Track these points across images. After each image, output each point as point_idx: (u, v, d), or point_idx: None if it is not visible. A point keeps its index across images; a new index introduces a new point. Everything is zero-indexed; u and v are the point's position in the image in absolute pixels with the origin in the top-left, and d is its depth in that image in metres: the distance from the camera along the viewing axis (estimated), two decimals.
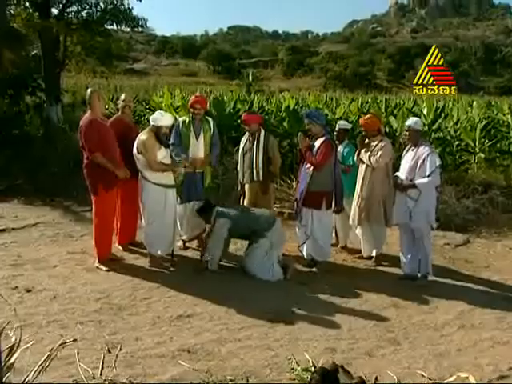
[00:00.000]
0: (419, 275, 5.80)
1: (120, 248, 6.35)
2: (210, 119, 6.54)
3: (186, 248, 6.58)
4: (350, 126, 7.21)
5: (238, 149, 6.83)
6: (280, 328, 4.48)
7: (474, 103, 18.58)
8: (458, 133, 11.82)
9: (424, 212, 5.63)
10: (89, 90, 5.93)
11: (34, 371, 2.26)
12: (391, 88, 50.75)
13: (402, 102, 17.27)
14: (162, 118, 5.82)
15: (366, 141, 6.30)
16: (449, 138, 11.62)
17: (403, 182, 5.72)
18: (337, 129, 6.85)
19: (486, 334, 4.55)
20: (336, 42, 76.67)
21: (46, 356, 2.29)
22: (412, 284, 5.68)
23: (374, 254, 6.37)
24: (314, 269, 6.04)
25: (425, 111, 12.44)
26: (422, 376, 3.74)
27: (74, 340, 2.90)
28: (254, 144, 6.46)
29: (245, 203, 6.57)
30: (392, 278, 5.90)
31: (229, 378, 3.60)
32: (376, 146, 6.17)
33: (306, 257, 6.14)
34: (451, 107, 15.90)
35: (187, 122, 6.36)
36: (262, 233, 5.71)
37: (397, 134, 11.03)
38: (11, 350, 2.47)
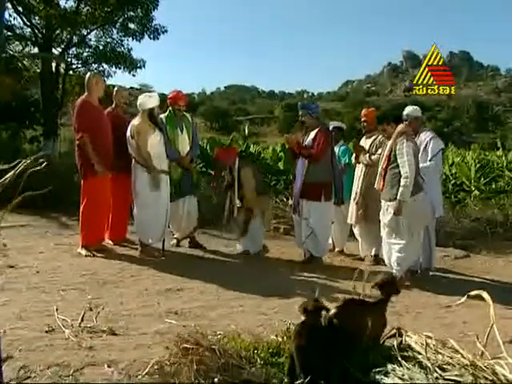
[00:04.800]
0: (419, 271, 5.59)
1: (110, 242, 6.11)
2: (187, 114, 6.43)
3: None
4: (343, 126, 7.10)
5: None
6: (274, 300, 4.25)
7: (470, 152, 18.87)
8: (454, 171, 11.86)
9: (430, 201, 5.47)
10: (88, 74, 5.87)
11: None
12: None
13: None
14: (150, 100, 5.68)
15: (361, 143, 6.25)
16: (444, 177, 11.59)
17: None
18: (330, 129, 6.43)
19: (493, 311, 4.29)
20: (331, 101, 78.19)
21: None
22: (413, 276, 5.44)
23: (372, 253, 6.13)
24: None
25: None
26: (429, 337, 3.46)
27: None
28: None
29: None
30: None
31: (219, 332, 3.32)
32: (374, 141, 6.10)
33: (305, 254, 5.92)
34: (446, 152, 16.13)
35: (169, 118, 6.25)
36: None
37: None
38: None
